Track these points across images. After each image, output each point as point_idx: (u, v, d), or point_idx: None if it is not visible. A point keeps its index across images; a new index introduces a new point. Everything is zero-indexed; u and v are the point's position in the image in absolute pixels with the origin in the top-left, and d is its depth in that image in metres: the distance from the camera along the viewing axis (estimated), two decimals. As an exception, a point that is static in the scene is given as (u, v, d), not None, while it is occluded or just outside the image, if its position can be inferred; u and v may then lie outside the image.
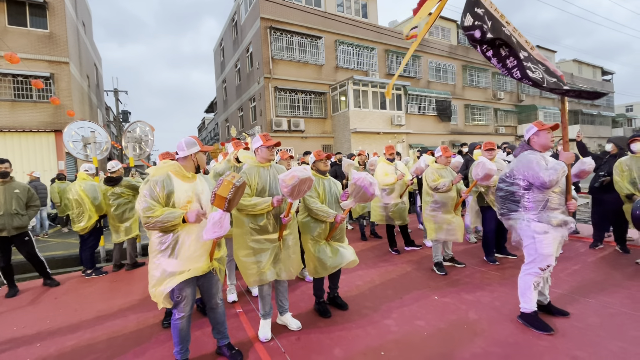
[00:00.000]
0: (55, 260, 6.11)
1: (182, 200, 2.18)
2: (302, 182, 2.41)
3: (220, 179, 2.10)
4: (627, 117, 36.50)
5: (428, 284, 3.75)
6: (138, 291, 3.99)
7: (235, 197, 2.12)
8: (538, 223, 2.57)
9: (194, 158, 2.30)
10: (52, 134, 11.03)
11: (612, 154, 4.56)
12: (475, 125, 21.55)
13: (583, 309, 2.95)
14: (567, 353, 2.31)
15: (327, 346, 2.57)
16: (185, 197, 2.20)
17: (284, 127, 14.26)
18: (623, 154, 4.31)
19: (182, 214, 2.11)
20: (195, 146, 2.29)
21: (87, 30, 16.16)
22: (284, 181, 2.41)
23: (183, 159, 2.29)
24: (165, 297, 2.19)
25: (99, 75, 19.00)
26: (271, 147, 2.69)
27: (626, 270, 3.83)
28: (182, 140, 2.30)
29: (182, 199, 2.18)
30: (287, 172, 2.47)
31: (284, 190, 2.44)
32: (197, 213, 2.12)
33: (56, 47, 11.22)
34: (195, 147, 2.29)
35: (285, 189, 2.43)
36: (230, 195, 2.06)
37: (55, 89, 11.14)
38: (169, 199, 2.16)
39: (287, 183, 2.39)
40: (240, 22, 17.14)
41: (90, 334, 2.97)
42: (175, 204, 2.17)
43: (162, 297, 2.17)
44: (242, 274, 2.65)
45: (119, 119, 22.93)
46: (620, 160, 4.03)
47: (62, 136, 5.61)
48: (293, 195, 2.46)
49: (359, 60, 16.69)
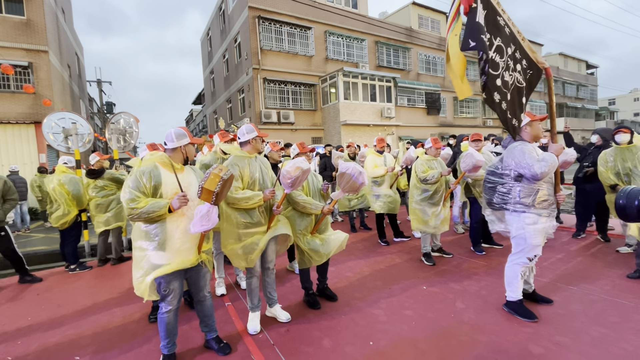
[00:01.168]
0: (37, 255, 5.94)
1: (169, 192, 2.13)
2: (305, 173, 2.44)
3: (208, 171, 2.05)
4: (610, 110, 37.49)
5: (417, 274, 3.79)
6: (124, 286, 3.91)
7: (223, 190, 2.08)
8: (528, 214, 2.59)
9: (183, 150, 2.26)
10: (32, 125, 10.61)
11: (597, 146, 4.65)
12: (463, 117, 21.76)
13: (566, 296, 3.03)
14: (550, 339, 2.37)
15: (316, 337, 2.57)
16: (173, 189, 2.15)
17: (273, 119, 14.09)
18: (608, 146, 4.40)
19: (167, 203, 2.06)
20: (185, 138, 2.24)
21: (67, 17, 15.51)
22: (288, 172, 2.40)
23: (171, 150, 2.23)
24: (151, 289, 2.15)
25: (80, 65, 18.33)
26: (261, 138, 2.68)
27: (607, 259, 3.94)
28: (171, 131, 2.23)
29: (170, 191, 2.14)
30: (290, 163, 2.46)
31: (286, 181, 2.44)
32: (179, 197, 2.08)
33: (34, 35, 10.73)
34: (185, 138, 2.24)
35: (288, 180, 2.43)
36: (218, 189, 2.02)
37: (34, 78, 10.69)
38: (157, 190, 2.11)
39: (292, 174, 2.39)
40: (227, 11, 16.73)
41: (74, 330, 2.90)
42: (163, 195, 2.12)
43: (147, 288, 2.12)
44: (230, 260, 2.62)
45: (102, 111, 22.26)
46: (605, 152, 4.10)
47: (41, 128, 5.40)
48: (294, 186, 2.48)
49: (349, 51, 16.54)
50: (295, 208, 2.93)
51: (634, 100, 46.50)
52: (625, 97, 47.63)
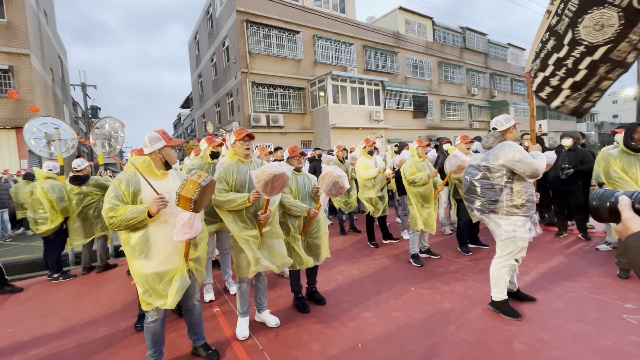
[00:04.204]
0: (19, 265, 5.76)
1: (150, 199, 2.07)
2: (276, 178, 2.33)
3: (184, 178, 1.98)
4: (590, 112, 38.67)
5: (405, 275, 3.83)
6: (109, 294, 3.83)
7: (202, 198, 1.98)
8: (518, 217, 2.60)
9: (160, 154, 2.17)
10: (13, 130, 10.34)
11: (571, 148, 4.81)
12: (450, 120, 22.15)
13: (549, 294, 3.11)
14: (533, 337, 2.43)
15: (305, 341, 2.57)
16: (153, 195, 2.08)
17: (262, 123, 14.07)
18: (577, 148, 4.61)
19: (146, 208, 2.00)
20: (159, 141, 2.16)
21: (50, 20, 15.18)
22: (257, 177, 2.34)
23: (149, 155, 2.17)
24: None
25: (64, 69, 17.94)
26: (245, 140, 2.62)
27: (588, 257, 4.07)
28: (145, 136, 2.17)
29: (150, 197, 2.07)
30: (261, 167, 2.41)
31: (257, 185, 2.38)
32: (155, 200, 2.00)
33: (15, 38, 10.48)
34: (159, 142, 2.15)
35: (257, 185, 2.37)
36: (196, 197, 1.93)
37: (14, 82, 10.41)
38: (136, 197, 2.06)
39: (260, 178, 2.33)
40: (215, 14, 16.66)
41: (57, 342, 2.82)
42: (143, 201, 2.07)
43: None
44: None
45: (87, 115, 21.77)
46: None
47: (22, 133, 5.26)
48: (267, 192, 2.39)
49: (337, 55, 16.67)
50: (284, 210, 2.95)
51: (612, 102, 48.22)
52: (604, 99, 49.32)
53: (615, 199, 0.91)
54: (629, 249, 0.80)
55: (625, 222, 0.84)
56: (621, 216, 0.86)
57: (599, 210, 0.96)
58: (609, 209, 0.93)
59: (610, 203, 0.93)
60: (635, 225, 0.82)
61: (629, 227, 0.83)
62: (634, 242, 0.79)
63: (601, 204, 0.95)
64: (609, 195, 0.94)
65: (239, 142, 2.62)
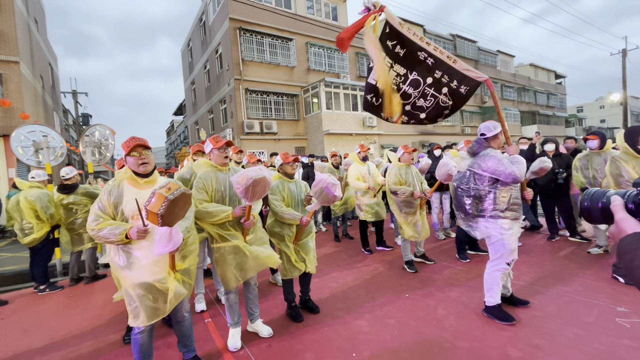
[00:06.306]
0: (4, 276, 5.60)
1: (129, 211, 2.01)
2: (256, 182, 2.27)
3: (152, 191, 1.83)
4: (578, 117, 39.47)
5: (399, 282, 3.80)
6: (98, 306, 3.73)
7: (170, 211, 1.81)
8: (504, 220, 2.67)
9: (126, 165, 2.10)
10: (1, 139, 10.13)
11: (555, 154, 4.89)
12: (443, 126, 22.38)
13: (542, 298, 3.11)
14: (528, 342, 2.42)
15: (298, 351, 2.52)
16: (133, 206, 1.99)
17: (256, 130, 14.04)
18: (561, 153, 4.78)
19: (125, 231, 1.93)
20: (123, 152, 2.09)
21: (40, 27, 15.06)
22: (237, 182, 2.29)
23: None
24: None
25: (54, 76, 17.75)
26: (222, 148, 2.56)
27: (579, 260, 4.10)
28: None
29: (129, 210, 2.01)
30: (240, 172, 2.35)
31: (237, 191, 2.33)
32: (138, 230, 1.91)
33: (4, 45, 10.33)
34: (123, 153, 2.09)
35: (238, 190, 2.31)
36: (162, 211, 1.76)
37: (3, 90, 10.25)
38: (117, 208, 2.01)
39: (240, 183, 2.29)
40: (208, 22, 16.71)
41: (42, 356, 2.73)
42: (125, 213, 2.02)
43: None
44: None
45: (78, 122, 21.52)
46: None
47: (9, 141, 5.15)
48: (248, 197, 2.33)
49: (330, 62, 16.80)
50: (276, 219, 2.92)
51: (599, 107, 49.27)
52: (591, 104, 50.43)
53: (607, 199, 0.85)
54: (622, 252, 0.75)
55: (618, 223, 0.79)
56: (614, 217, 0.81)
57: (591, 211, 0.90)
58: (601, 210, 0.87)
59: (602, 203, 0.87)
60: (629, 226, 0.76)
61: (622, 228, 0.77)
62: (627, 244, 0.74)
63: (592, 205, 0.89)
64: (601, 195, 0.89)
65: (217, 150, 2.55)
